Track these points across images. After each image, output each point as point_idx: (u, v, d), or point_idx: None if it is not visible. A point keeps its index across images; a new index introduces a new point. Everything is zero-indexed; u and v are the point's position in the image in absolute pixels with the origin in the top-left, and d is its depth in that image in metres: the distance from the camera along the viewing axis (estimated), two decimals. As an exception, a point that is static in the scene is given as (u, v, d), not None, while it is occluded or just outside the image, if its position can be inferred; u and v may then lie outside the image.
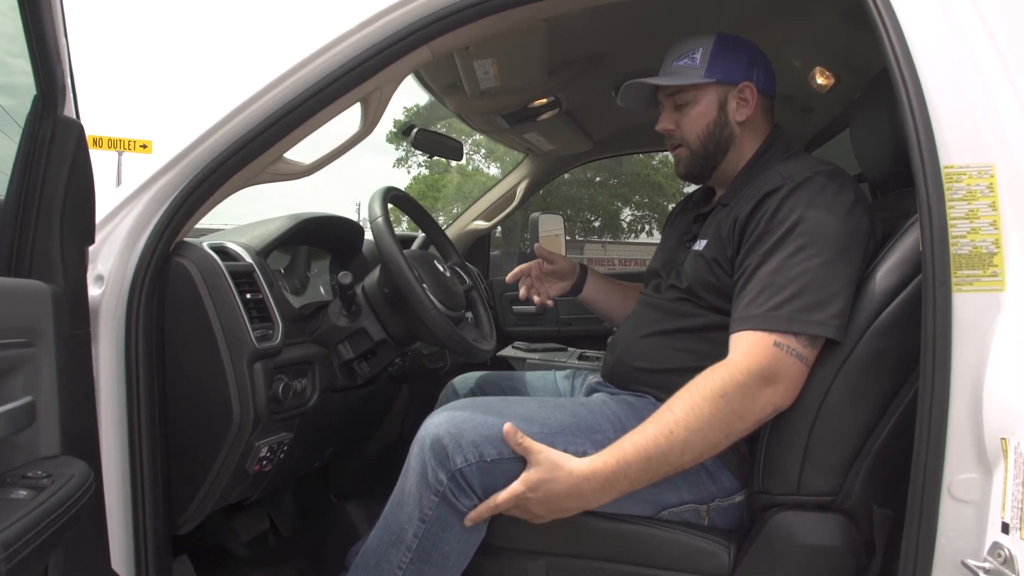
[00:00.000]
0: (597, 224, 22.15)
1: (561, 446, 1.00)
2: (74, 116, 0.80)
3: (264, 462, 1.12)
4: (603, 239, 22.30)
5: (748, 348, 0.94)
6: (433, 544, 1.01)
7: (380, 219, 1.21)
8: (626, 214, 22.70)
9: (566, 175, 2.91)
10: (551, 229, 3.02)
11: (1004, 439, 0.77)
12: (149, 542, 1.03)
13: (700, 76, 1.14)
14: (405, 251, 1.20)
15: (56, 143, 0.77)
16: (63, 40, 0.74)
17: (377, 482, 1.75)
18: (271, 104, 1.06)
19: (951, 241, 0.81)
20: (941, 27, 0.86)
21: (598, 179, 20.85)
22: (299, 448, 1.24)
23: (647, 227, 22.93)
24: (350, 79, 1.06)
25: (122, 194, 1.06)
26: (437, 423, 1.02)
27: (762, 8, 1.43)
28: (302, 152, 1.18)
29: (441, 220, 2.11)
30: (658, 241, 1.41)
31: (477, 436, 0.99)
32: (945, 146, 0.82)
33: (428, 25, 1.05)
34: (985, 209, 0.81)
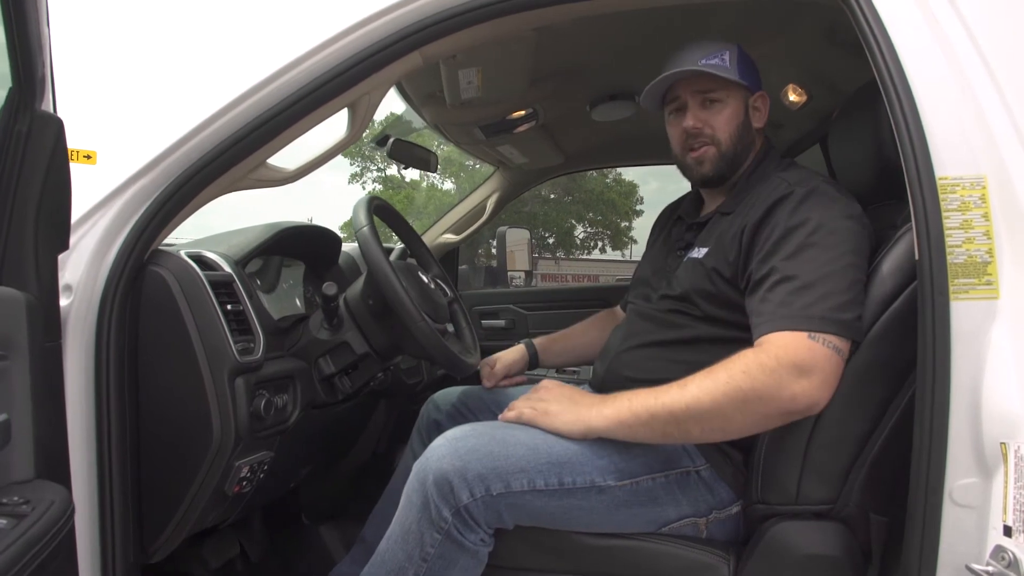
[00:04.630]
0: (551, 241, 22.35)
1: (569, 477, 0.98)
2: (52, 111, 0.74)
3: (244, 483, 1.06)
4: (556, 256, 22.51)
5: (780, 341, 0.92)
6: None
7: (366, 228, 1.17)
8: (579, 231, 22.99)
9: (516, 198, 2.91)
10: (517, 242, 3.02)
11: (1004, 444, 0.79)
12: (118, 573, 0.96)
13: (736, 76, 1.13)
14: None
15: (33, 139, 0.72)
16: (45, 29, 0.69)
17: (352, 502, 1.69)
18: (256, 107, 1.01)
19: (947, 250, 0.83)
20: (930, 41, 0.88)
21: (552, 196, 21.07)
22: (278, 468, 1.18)
23: (600, 244, 23.27)
24: (339, 83, 1.03)
25: (92, 199, 1.00)
26: (440, 455, 0.97)
27: (741, 26, 1.46)
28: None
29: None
30: (609, 258, 1.41)
31: (483, 469, 0.96)
32: (939, 158, 0.85)
33: (421, 30, 1.02)
34: (978, 219, 0.84)
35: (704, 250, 1.10)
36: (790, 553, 0.96)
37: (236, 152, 1.02)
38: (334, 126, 1.15)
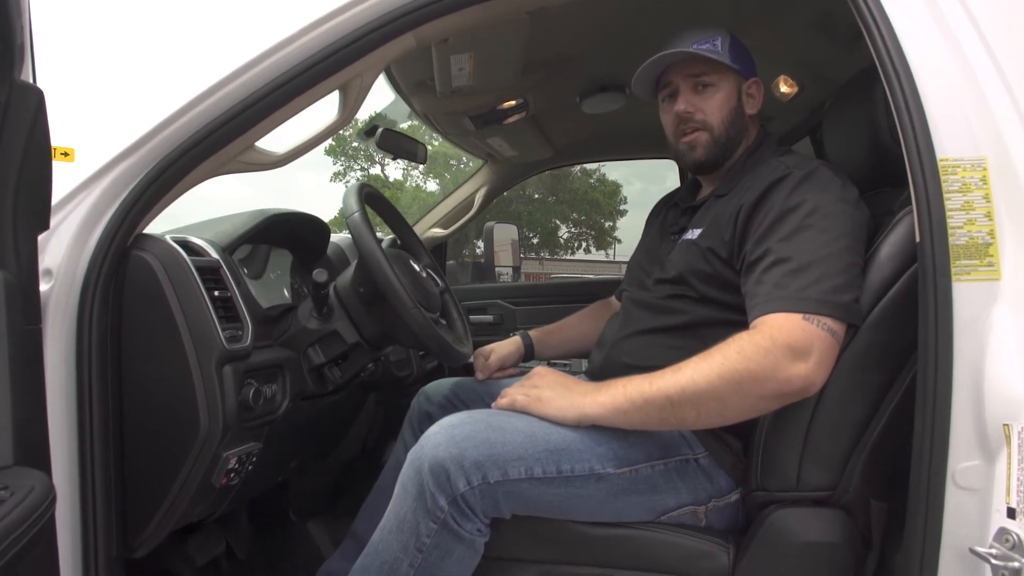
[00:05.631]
0: (536, 241, 22.39)
1: (567, 465, 0.96)
2: (32, 81, 0.71)
3: (232, 475, 1.03)
4: (541, 256, 22.57)
5: (776, 322, 0.91)
6: (431, 574, 0.95)
7: (357, 214, 1.14)
8: (563, 231, 23.07)
9: (504, 192, 2.91)
10: (504, 238, 3.01)
11: (1007, 425, 0.78)
12: (100, 568, 0.92)
13: (727, 60, 1.13)
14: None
15: (12, 111, 0.68)
16: (26, -8, 0.66)
17: (340, 498, 1.66)
18: (245, 87, 0.99)
19: (949, 232, 0.82)
20: (930, 23, 0.88)
21: (537, 196, 21.11)
22: (266, 460, 1.15)
23: (584, 244, 23.36)
24: (330, 64, 1.00)
25: (74, 181, 0.96)
26: (436, 443, 0.95)
27: (735, 17, 1.46)
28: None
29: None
30: (593, 258, 1.40)
31: (480, 456, 0.93)
32: (939, 140, 0.84)
33: (415, 10, 1.00)
34: (979, 201, 0.83)
35: (698, 231, 1.10)
36: (790, 540, 0.95)
37: (224, 134, 0.99)
38: (325, 109, 1.13)
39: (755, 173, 1.07)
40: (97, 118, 1.10)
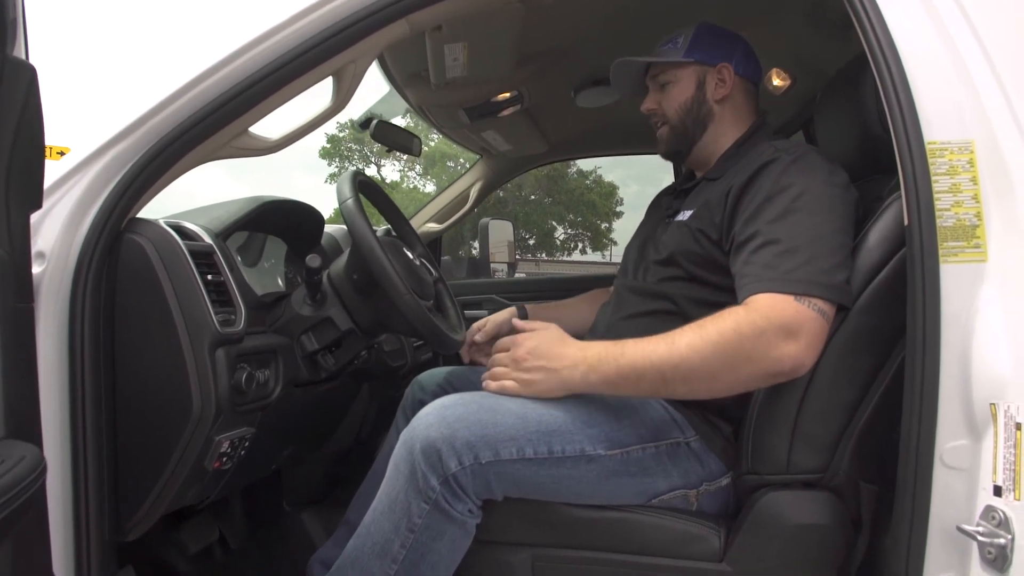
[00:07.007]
0: (532, 242, 22.41)
1: (559, 445, 0.97)
2: (24, 57, 0.71)
3: (224, 459, 1.03)
4: (537, 257, 22.58)
5: (768, 302, 0.91)
6: (422, 555, 0.95)
7: (350, 201, 1.14)
8: (560, 232, 23.09)
9: (500, 192, 2.93)
10: (501, 235, 3.01)
11: (993, 404, 0.79)
12: (92, 549, 0.92)
13: (679, 56, 1.18)
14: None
15: (4, 87, 0.68)
16: (18, -32, 0.66)
17: (334, 488, 1.66)
18: (238, 72, 0.99)
19: (937, 214, 0.83)
20: (919, 10, 0.89)
21: (533, 197, 21.12)
22: (259, 447, 1.15)
23: (580, 245, 23.39)
24: (323, 50, 1.01)
25: (67, 164, 0.96)
26: (428, 423, 0.95)
27: (728, 10, 1.46)
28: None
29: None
30: (589, 259, 1.43)
31: (472, 436, 0.94)
32: (927, 123, 0.85)
33: (409, -5, 1.01)
34: (967, 183, 0.84)
35: (689, 212, 1.11)
36: (780, 523, 0.96)
37: (217, 118, 0.99)
38: (319, 97, 1.13)
39: (747, 157, 1.09)
40: (92, 101, 1.10)
